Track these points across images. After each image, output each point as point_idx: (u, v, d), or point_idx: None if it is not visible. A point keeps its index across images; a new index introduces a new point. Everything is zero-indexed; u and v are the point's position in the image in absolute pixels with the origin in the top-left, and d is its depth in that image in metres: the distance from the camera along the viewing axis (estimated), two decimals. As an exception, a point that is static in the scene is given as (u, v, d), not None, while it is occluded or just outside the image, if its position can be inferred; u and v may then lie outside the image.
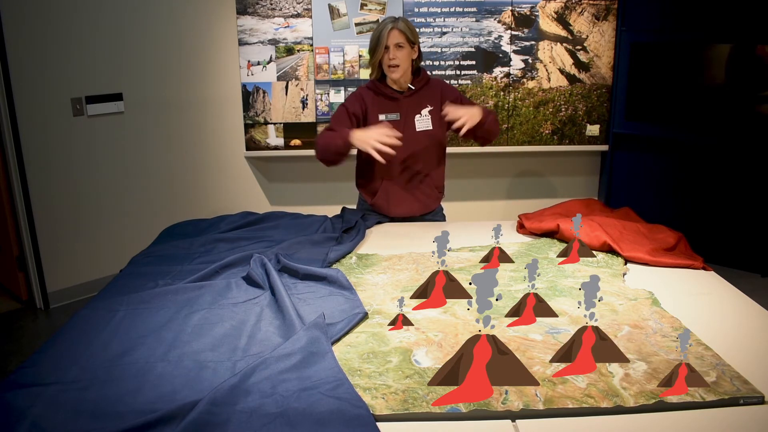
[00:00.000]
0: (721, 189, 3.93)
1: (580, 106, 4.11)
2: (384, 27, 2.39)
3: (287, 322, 1.63)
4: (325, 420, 1.24)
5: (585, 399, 1.32)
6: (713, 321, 1.68)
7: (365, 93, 2.53)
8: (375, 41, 2.41)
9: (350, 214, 2.52)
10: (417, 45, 2.45)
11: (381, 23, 2.43)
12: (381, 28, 2.40)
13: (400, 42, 2.38)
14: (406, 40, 2.39)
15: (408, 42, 2.40)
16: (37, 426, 1.24)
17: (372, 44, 2.43)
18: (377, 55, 2.42)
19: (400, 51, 2.39)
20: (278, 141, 4.08)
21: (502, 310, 1.73)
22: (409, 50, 2.42)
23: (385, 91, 2.49)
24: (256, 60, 3.96)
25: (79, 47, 3.51)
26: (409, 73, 2.48)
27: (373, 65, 2.47)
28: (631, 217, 2.45)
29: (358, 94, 2.55)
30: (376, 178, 2.56)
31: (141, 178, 3.88)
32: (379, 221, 2.57)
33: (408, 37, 2.40)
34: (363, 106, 2.51)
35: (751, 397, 1.32)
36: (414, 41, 2.43)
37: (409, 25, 2.42)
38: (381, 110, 2.50)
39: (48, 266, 3.58)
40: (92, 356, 1.51)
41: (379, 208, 2.60)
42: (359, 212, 2.57)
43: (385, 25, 2.39)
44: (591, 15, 4.00)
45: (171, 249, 2.27)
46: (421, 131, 2.50)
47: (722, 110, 3.80)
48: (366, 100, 2.51)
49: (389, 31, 2.37)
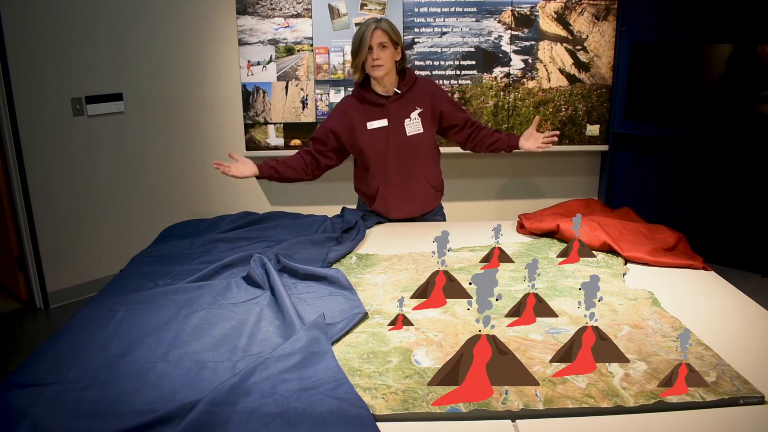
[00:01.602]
0: (721, 189, 3.93)
1: (580, 106, 4.11)
2: (366, 27, 2.36)
3: (287, 322, 1.63)
4: (325, 420, 1.24)
5: (585, 399, 1.32)
6: (713, 321, 1.68)
7: (349, 104, 2.51)
8: (358, 42, 2.38)
9: (350, 214, 2.52)
10: (400, 46, 2.43)
11: (363, 24, 2.40)
12: (363, 29, 2.37)
13: (384, 42, 2.35)
14: (390, 40, 2.37)
15: (391, 42, 2.37)
16: (37, 426, 1.24)
17: (355, 45, 2.39)
18: (361, 55, 2.38)
19: (383, 51, 2.36)
20: (278, 141, 4.08)
21: (502, 310, 1.73)
22: (393, 51, 2.39)
23: (370, 97, 2.46)
24: (256, 60, 3.96)
25: (79, 47, 3.51)
26: (393, 75, 2.45)
27: (356, 66, 2.42)
28: (631, 217, 2.45)
29: (341, 108, 2.53)
30: (372, 184, 2.55)
31: (141, 178, 3.88)
32: (379, 221, 2.57)
33: (391, 37, 2.37)
34: (346, 119, 2.49)
35: (751, 397, 1.32)
36: (397, 42, 2.40)
37: (392, 25, 2.40)
38: (367, 118, 2.47)
39: (48, 266, 3.58)
40: (92, 356, 1.51)
41: (379, 213, 2.61)
42: (359, 212, 2.57)
43: (367, 26, 2.36)
44: (591, 15, 4.00)
45: (171, 249, 2.27)
46: (412, 135, 2.48)
47: (722, 110, 3.79)
48: (350, 112, 2.49)
49: (372, 31, 2.34)
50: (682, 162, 4.03)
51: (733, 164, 3.86)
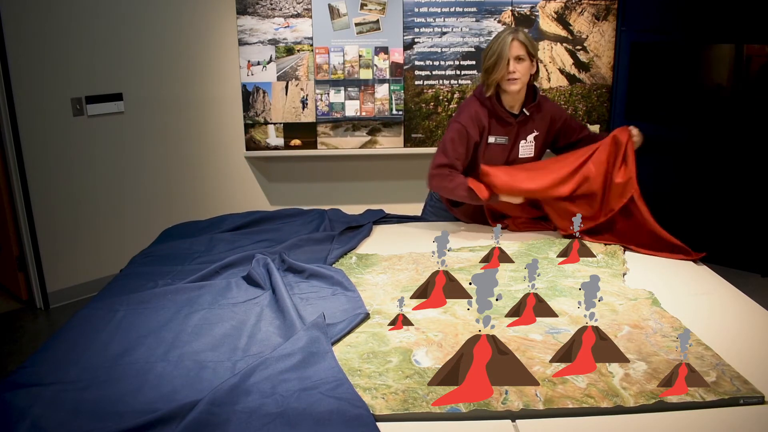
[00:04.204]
0: (721, 189, 3.93)
1: (580, 106, 4.11)
2: (504, 39, 2.19)
3: (287, 322, 1.63)
4: (325, 420, 1.24)
5: (585, 399, 1.32)
6: (713, 321, 1.68)
7: (481, 113, 2.31)
8: (495, 56, 2.19)
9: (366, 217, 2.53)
10: (536, 59, 2.26)
11: (499, 35, 2.23)
12: (501, 42, 2.19)
13: (521, 55, 2.20)
14: (527, 52, 2.21)
15: (528, 54, 2.22)
16: (37, 426, 1.24)
17: (491, 59, 2.20)
18: (499, 70, 2.19)
19: (520, 64, 2.20)
20: (278, 141, 4.08)
21: (502, 310, 1.73)
22: (529, 64, 2.23)
23: (500, 112, 2.29)
24: (256, 60, 3.96)
25: (79, 47, 3.51)
26: (524, 91, 2.29)
27: (491, 83, 2.24)
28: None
29: (474, 114, 2.31)
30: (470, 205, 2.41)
31: (141, 178, 3.88)
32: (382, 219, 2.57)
33: (528, 49, 2.21)
34: (481, 129, 2.31)
35: (751, 397, 1.32)
36: (534, 54, 2.24)
37: (528, 36, 2.24)
38: (493, 132, 2.32)
39: (48, 266, 3.58)
40: (92, 356, 1.51)
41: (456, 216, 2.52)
42: (377, 214, 2.56)
43: (504, 37, 2.19)
44: (591, 15, 4.00)
45: (171, 249, 2.27)
46: (523, 157, 2.37)
47: (722, 110, 3.79)
48: (483, 121, 2.30)
49: (510, 43, 2.18)
50: (682, 162, 4.03)
51: (732, 164, 3.86)
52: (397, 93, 4.01)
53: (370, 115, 4.03)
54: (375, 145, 4.08)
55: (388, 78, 3.99)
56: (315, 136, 4.06)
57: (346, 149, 4.08)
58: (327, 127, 4.05)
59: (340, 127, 4.05)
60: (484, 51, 2.26)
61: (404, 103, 4.02)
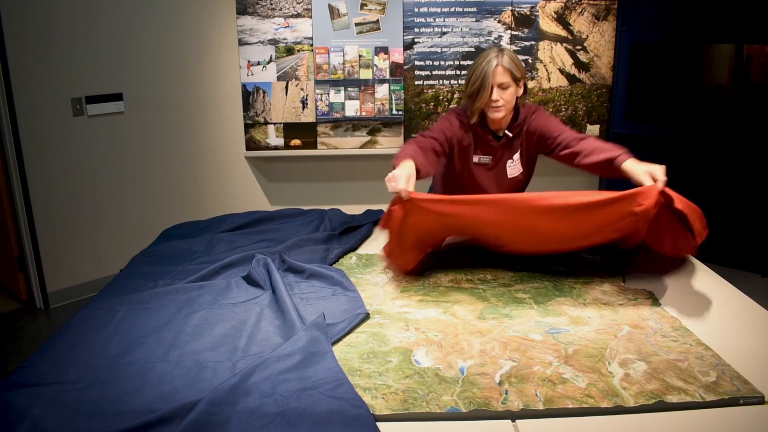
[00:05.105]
0: (720, 189, 3.93)
1: (580, 106, 4.11)
2: (487, 64, 2.03)
3: (287, 323, 1.63)
4: (325, 420, 1.24)
5: (585, 399, 1.32)
6: (713, 321, 1.68)
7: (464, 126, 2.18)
8: (478, 84, 2.04)
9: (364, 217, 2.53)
10: (523, 80, 2.10)
11: (483, 57, 2.07)
12: (484, 68, 2.04)
13: (504, 82, 2.04)
14: (511, 78, 2.05)
15: (513, 80, 2.06)
16: (37, 426, 1.24)
17: (474, 86, 2.05)
18: (482, 98, 2.04)
19: (505, 91, 2.05)
20: (278, 141, 4.08)
21: (502, 310, 1.72)
22: (515, 89, 2.08)
23: (483, 135, 2.17)
24: (256, 60, 3.96)
25: (79, 47, 3.50)
26: (510, 115, 2.16)
27: (475, 111, 2.09)
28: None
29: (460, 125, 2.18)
30: None
31: (141, 178, 3.88)
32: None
33: (513, 74, 2.05)
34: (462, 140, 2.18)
35: (751, 397, 1.32)
36: (520, 77, 2.08)
37: (514, 58, 2.07)
38: (477, 151, 2.21)
39: (48, 266, 3.58)
40: (92, 356, 1.51)
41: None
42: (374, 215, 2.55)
43: (488, 62, 2.03)
44: (591, 15, 4.00)
45: (171, 249, 2.27)
46: (511, 177, 2.26)
47: (722, 110, 3.79)
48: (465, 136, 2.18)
49: (494, 69, 2.03)
50: (682, 162, 4.03)
51: (733, 164, 3.86)
52: (397, 93, 4.01)
53: (370, 115, 4.03)
54: (375, 145, 4.08)
55: (388, 78, 3.99)
56: (315, 136, 4.06)
57: (346, 149, 4.08)
58: (327, 127, 4.05)
59: (340, 127, 4.05)
60: (468, 73, 2.12)
61: (404, 103, 4.02)
